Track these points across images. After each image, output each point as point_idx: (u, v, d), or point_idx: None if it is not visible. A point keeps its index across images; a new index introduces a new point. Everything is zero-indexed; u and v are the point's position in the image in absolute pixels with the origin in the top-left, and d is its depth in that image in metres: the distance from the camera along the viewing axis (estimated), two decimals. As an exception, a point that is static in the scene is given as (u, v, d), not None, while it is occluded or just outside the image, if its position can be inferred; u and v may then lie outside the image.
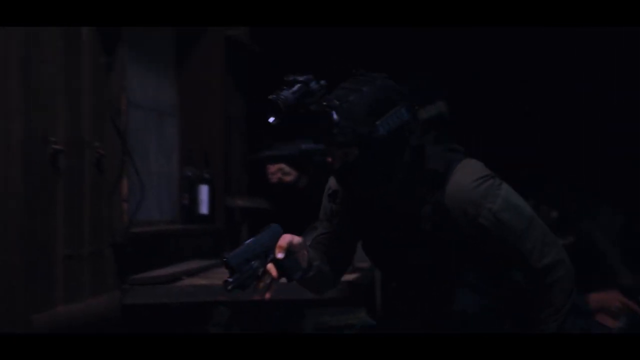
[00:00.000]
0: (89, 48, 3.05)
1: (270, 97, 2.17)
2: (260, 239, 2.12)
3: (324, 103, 2.17)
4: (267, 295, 2.14)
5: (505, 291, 2.33)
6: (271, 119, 2.16)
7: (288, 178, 4.05)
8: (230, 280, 2.02)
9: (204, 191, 4.30)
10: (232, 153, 4.73)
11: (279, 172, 4.05)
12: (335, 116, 2.15)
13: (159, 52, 4.27)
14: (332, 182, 2.38)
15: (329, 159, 2.25)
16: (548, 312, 2.24)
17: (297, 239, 2.17)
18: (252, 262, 2.07)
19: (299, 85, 2.17)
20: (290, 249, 2.14)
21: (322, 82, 2.20)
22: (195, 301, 3.31)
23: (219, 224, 4.40)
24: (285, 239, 2.14)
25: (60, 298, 2.87)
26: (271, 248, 2.12)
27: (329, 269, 2.40)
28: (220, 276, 3.65)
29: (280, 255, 2.11)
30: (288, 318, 3.52)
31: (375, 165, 2.20)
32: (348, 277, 3.29)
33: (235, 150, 4.80)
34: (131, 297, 3.28)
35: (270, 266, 2.10)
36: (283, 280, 2.15)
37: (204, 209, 4.33)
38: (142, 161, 3.76)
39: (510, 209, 2.22)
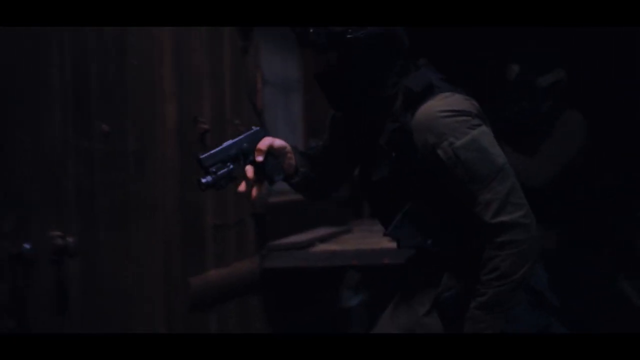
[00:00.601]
0: (229, 34, 3.31)
1: None
2: (240, 141, 2.10)
3: None
4: (254, 195, 2.12)
5: (447, 237, 2.15)
6: None
7: None
8: (203, 180, 2.02)
9: (328, 162, 4.52)
10: (354, 124, 4.94)
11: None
12: None
13: (284, 30, 4.49)
14: None
15: None
16: (491, 276, 2.01)
17: (278, 142, 2.14)
18: (228, 164, 2.05)
19: None
20: (270, 152, 2.12)
21: None
22: (329, 265, 3.56)
23: (343, 192, 4.62)
24: (266, 141, 2.11)
25: (211, 263, 3.16)
26: (251, 150, 2.09)
27: (319, 178, 2.32)
28: (349, 242, 3.91)
29: (259, 158, 2.10)
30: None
31: (357, 74, 2.10)
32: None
33: (356, 122, 5.00)
34: (270, 261, 3.55)
35: (249, 168, 2.09)
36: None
37: (328, 178, 4.56)
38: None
39: (476, 151, 2.02)
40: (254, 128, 2.15)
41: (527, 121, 3.83)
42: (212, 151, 2.04)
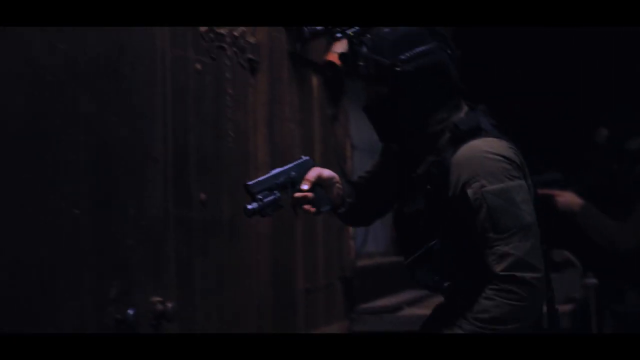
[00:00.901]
0: (319, 103, 3.42)
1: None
2: (288, 169, 2.11)
3: (351, 33, 2.12)
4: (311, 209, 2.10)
5: (465, 283, 2.06)
6: (297, 47, 2.18)
7: None
8: (249, 207, 2.01)
9: (414, 224, 4.55)
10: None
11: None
12: (364, 49, 2.09)
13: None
14: None
15: None
16: (477, 316, 1.94)
17: (327, 173, 2.16)
18: (275, 192, 2.05)
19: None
20: (318, 183, 2.12)
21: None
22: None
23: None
24: (314, 172, 2.13)
25: (301, 326, 3.22)
26: (299, 179, 2.09)
27: (364, 206, 2.31)
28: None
29: (305, 186, 2.09)
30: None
31: (405, 106, 2.09)
32: (564, 307, 3.44)
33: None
34: (359, 325, 3.59)
35: (299, 195, 2.09)
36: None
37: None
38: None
39: (505, 201, 1.96)
40: (303, 157, 2.17)
41: (617, 185, 3.80)
42: (260, 178, 2.06)
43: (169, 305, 2.28)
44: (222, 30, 2.68)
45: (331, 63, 3.31)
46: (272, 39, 2.97)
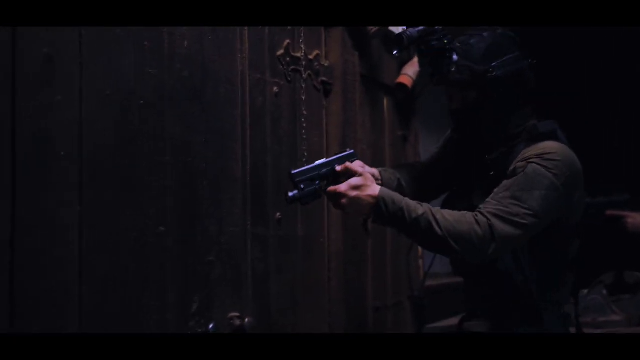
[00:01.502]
0: (389, 125, 3.47)
1: (397, 33, 2.33)
2: (332, 161, 2.22)
3: (445, 41, 2.28)
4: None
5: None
6: (394, 52, 2.34)
7: None
8: (290, 194, 2.11)
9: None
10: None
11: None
12: (454, 56, 2.27)
13: (441, 118, 4.62)
14: None
15: None
16: (446, 215, 2.12)
17: (368, 169, 2.32)
18: (317, 182, 2.16)
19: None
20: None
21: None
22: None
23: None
24: (357, 165, 2.28)
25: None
26: (341, 172, 2.22)
27: (410, 192, 2.45)
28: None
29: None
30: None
31: (492, 110, 2.29)
32: (637, 329, 3.40)
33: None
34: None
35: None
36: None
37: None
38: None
39: (537, 183, 2.14)
40: (348, 150, 2.29)
41: None
42: (304, 167, 2.16)
43: (247, 320, 2.35)
44: (298, 54, 2.76)
45: (402, 85, 3.38)
46: (345, 62, 3.04)
